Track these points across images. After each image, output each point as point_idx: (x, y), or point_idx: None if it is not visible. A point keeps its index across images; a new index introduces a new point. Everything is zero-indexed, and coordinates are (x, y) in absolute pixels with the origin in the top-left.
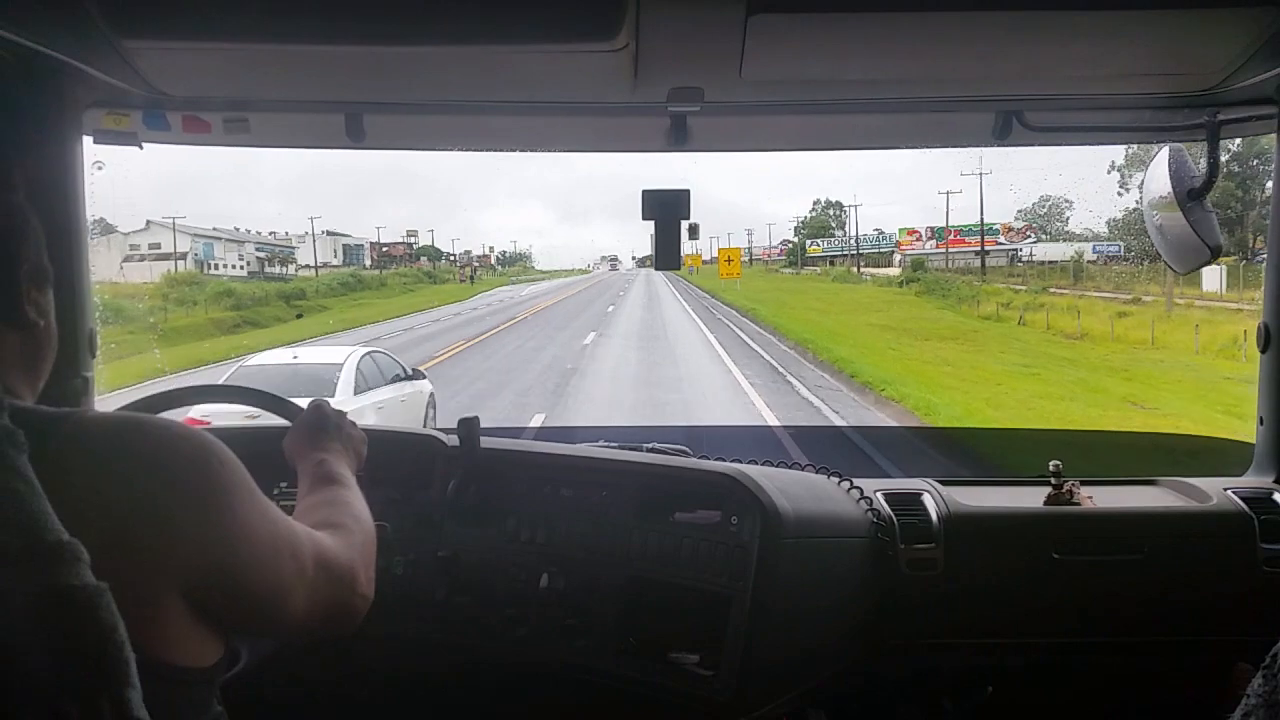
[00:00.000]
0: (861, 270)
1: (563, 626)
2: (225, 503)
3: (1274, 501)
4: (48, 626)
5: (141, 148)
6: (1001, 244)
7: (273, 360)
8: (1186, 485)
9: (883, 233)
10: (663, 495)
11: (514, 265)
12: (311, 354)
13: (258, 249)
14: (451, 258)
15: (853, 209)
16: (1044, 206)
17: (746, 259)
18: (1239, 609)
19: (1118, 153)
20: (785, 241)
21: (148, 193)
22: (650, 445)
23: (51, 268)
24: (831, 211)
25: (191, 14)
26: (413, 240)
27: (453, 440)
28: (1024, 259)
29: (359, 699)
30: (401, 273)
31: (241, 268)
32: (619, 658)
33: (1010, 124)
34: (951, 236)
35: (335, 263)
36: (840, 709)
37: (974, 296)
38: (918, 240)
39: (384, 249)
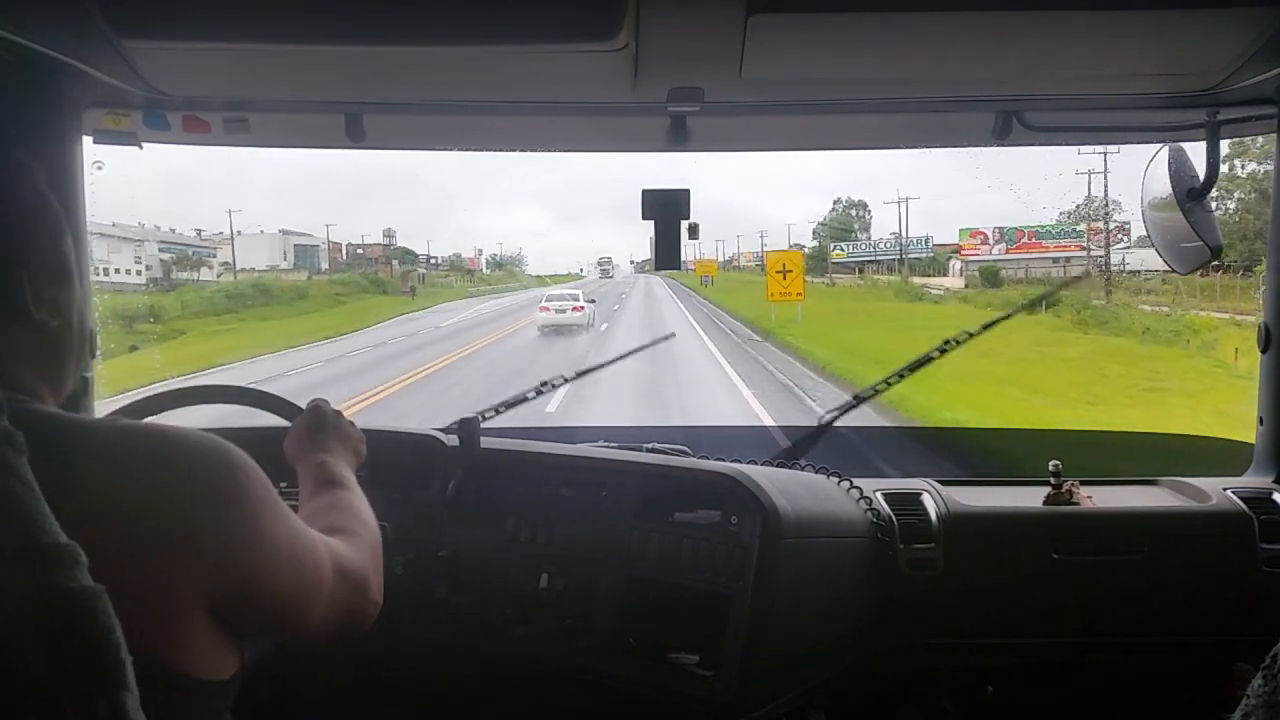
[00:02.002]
0: (904, 278)
1: (563, 626)
2: (250, 515)
3: (1274, 501)
4: (44, 628)
5: (141, 148)
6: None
7: (557, 290)
8: (1186, 485)
9: (896, 235)
10: (663, 495)
11: (501, 269)
12: (568, 287)
13: (162, 249)
14: (433, 260)
15: (901, 204)
16: (1088, 207)
17: (755, 266)
18: (1239, 609)
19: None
20: (796, 245)
21: (146, 195)
22: (650, 445)
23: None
24: (854, 212)
25: (191, 14)
26: (390, 240)
27: (452, 440)
28: (1116, 267)
29: (359, 699)
30: (340, 280)
31: (139, 272)
32: (619, 658)
33: (1010, 124)
34: (1024, 240)
35: (284, 266)
36: (840, 709)
37: (1184, 332)
38: (983, 243)
39: (359, 250)
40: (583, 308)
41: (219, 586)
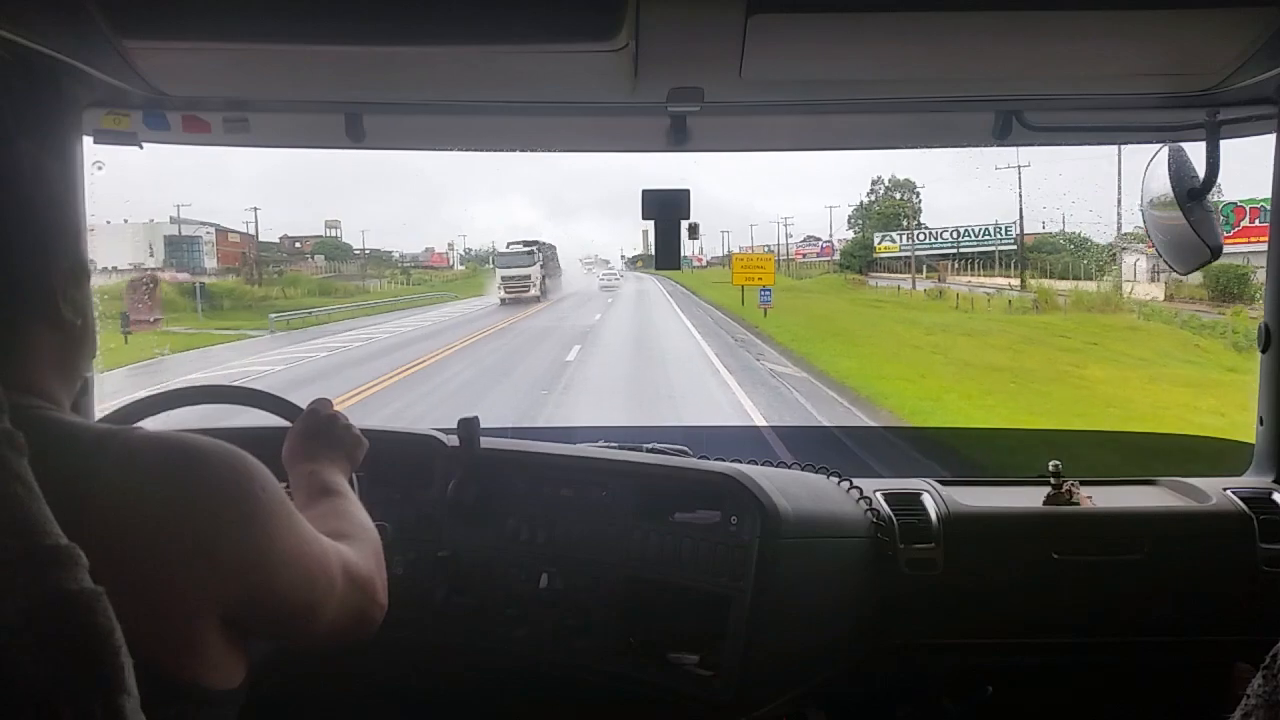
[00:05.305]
0: (1116, 284)
1: (562, 626)
2: (265, 525)
3: (1274, 501)
4: (43, 629)
5: (141, 147)
6: None
7: (606, 270)
8: (1186, 485)
9: (959, 227)
10: (663, 495)
11: (467, 265)
12: (608, 268)
13: None
14: (370, 254)
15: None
16: None
17: (777, 261)
18: (1239, 609)
19: None
20: (811, 238)
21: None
22: (650, 445)
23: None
24: (900, 195)
25: (191, 14)
26: (334, 232)
27: (452, 440)
28: None
29: (359, 699)
30: (111, 291)
31: None
32: (619, 658)
33: (1010, 124)
34: (1244, 221)
35: (151, 264)
36: (840, 709)
37: None
38: None
39: (295, 243)
40: (620, 277)
41: (233, 596)
